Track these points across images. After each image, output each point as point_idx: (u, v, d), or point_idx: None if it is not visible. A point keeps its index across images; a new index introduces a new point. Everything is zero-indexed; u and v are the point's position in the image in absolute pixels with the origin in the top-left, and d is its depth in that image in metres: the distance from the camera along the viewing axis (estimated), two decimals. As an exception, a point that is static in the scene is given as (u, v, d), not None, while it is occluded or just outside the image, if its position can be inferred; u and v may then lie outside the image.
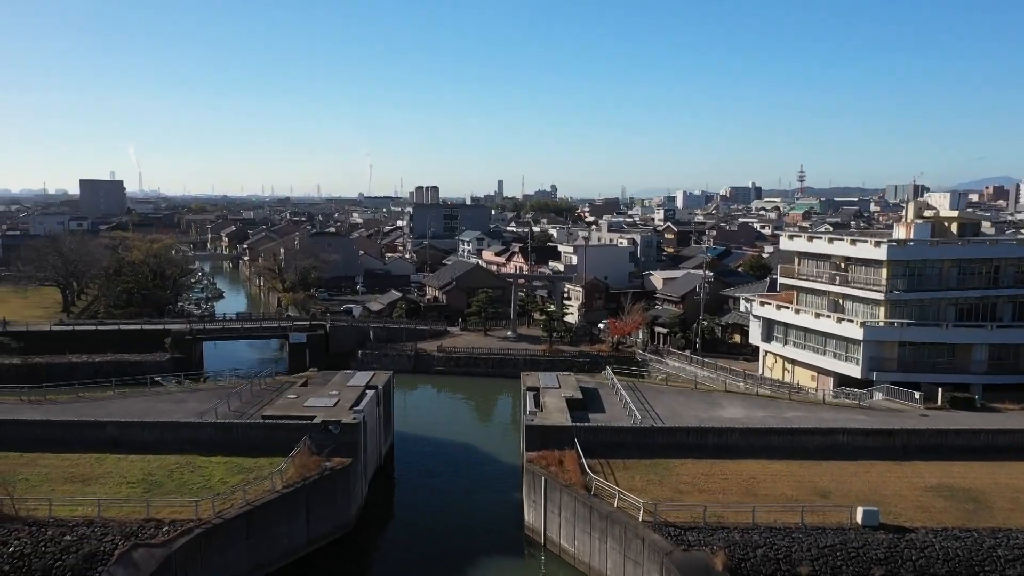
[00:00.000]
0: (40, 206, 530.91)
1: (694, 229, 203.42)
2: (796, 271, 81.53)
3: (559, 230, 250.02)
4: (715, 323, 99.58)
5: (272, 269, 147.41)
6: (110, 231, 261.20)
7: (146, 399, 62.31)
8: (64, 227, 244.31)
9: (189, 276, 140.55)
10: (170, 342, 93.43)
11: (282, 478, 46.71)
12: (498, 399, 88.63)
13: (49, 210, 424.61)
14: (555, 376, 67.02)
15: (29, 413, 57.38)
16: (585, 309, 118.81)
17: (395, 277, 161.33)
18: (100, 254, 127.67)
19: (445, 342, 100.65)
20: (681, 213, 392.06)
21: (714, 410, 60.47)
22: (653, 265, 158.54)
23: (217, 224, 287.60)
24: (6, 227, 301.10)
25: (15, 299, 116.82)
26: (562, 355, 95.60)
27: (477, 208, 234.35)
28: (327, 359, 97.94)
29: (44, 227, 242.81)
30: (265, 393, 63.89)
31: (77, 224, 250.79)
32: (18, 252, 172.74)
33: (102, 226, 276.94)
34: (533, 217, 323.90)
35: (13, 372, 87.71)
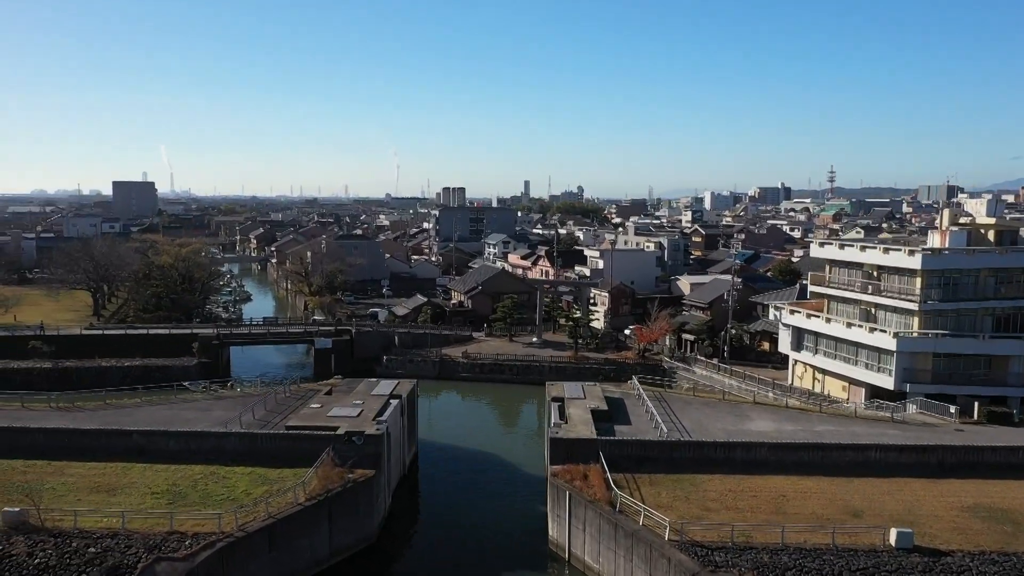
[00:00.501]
0: (74, 207, 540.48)
1: (722, 232, 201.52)
2: (827, 279, 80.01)
3: (585, 232, 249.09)
4: (743, 330, 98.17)
5: (299, 273, 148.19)
6: (141, 233, 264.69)
7: (172, 407, 62.62)
8: (96, 229, 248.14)
9: (217, 279, 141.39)
10: (197, 347, 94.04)
11: (305, 490, 46.55)
12: (523, 407, 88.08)
13: (83, 211, 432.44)
14: (580, 386, 66.32)
15: (58, 420, 57.90)
16: (611, 314, 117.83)
17: (421, 280, 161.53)
18: (130, 258, 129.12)
19: (470, 348, 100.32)
20: (709, 215, 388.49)
21: (742, 423, 59.41)
22: (680, 269, 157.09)
23: (246, 226, 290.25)
24: (40, 228, 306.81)
25: (47, 302, 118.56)
26: (588, 362, 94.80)
27: (503, 211, 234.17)
28: (352, 364, 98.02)
29: (77, 229, 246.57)
30: (290, 401, 63.91)
31: (109, 226, 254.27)
32: (51, 255, 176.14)
33: (133, 228, 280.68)
34: (559, 219, 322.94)
35: (45, 376, 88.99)
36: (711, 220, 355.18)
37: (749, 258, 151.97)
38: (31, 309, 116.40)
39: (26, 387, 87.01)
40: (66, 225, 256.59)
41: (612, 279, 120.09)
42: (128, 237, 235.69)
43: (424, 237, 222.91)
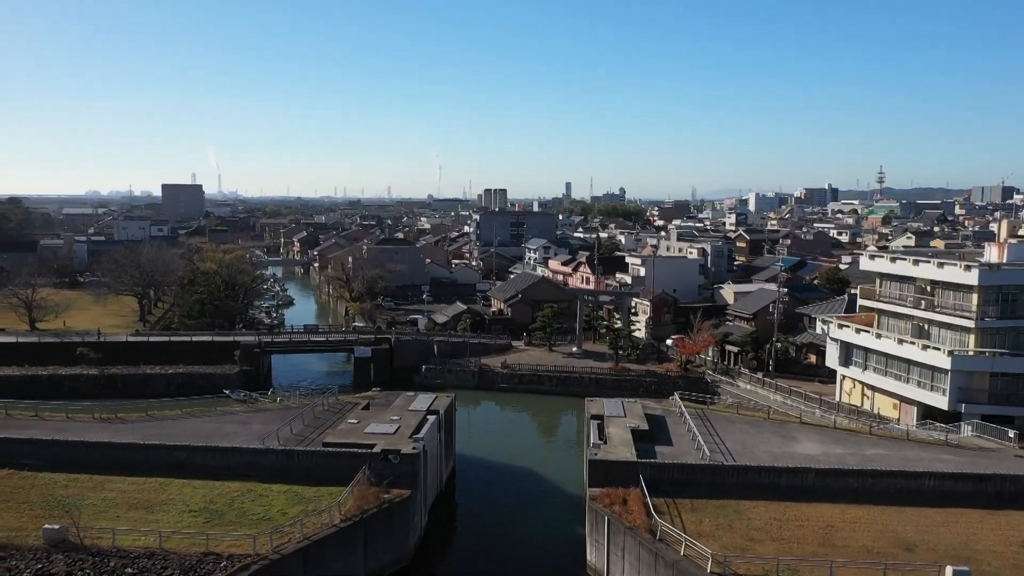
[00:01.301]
0: (125, 208, 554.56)
1: (767, 237, 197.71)
2: (877, 293, 77.48)
3: (627, 236, 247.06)
4: (789, 342, 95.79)
5: (340, 278, 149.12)
6: (188, 236, 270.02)
7: (212, 419, 62.97)
8: (145, 232, 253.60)
9: (260, 283, 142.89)
10: (239, 355, 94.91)
11: (340, 511, 46.19)
12: (561, 419, 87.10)
13: (133, 213, 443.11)
14: (620, 403, 65.03)
15: (100, 433, 58.57)
16: (653, 324, 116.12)
17: (461, 286, 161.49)
18: (175, 264, 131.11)
19: (509, 357, 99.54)
20: (753, 217, 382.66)
21: (788, 445, 57.59)
22: (724, 276, 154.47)
23: (290, 229, 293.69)
24: (92, 231, 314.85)
25: (95, 308, 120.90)
26: (628, 374, 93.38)
27: (544, 215, 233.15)
28: (391, 373, 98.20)
29: (127, 232, 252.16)
30: (328, 415, 63.79)
31: (158, 229, 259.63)
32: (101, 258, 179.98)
33: (181, 231, 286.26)
34: (601, 222, 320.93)
35: (92, 383, 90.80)
36: (755, 223, 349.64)
37: (795, 265, 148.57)
38: (80, 314, 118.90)
39: (73, 393, 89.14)
40: (116, 228, 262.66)
41: (654, 288, 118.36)
42: (175, 241, 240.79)
43: (465, 241, 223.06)
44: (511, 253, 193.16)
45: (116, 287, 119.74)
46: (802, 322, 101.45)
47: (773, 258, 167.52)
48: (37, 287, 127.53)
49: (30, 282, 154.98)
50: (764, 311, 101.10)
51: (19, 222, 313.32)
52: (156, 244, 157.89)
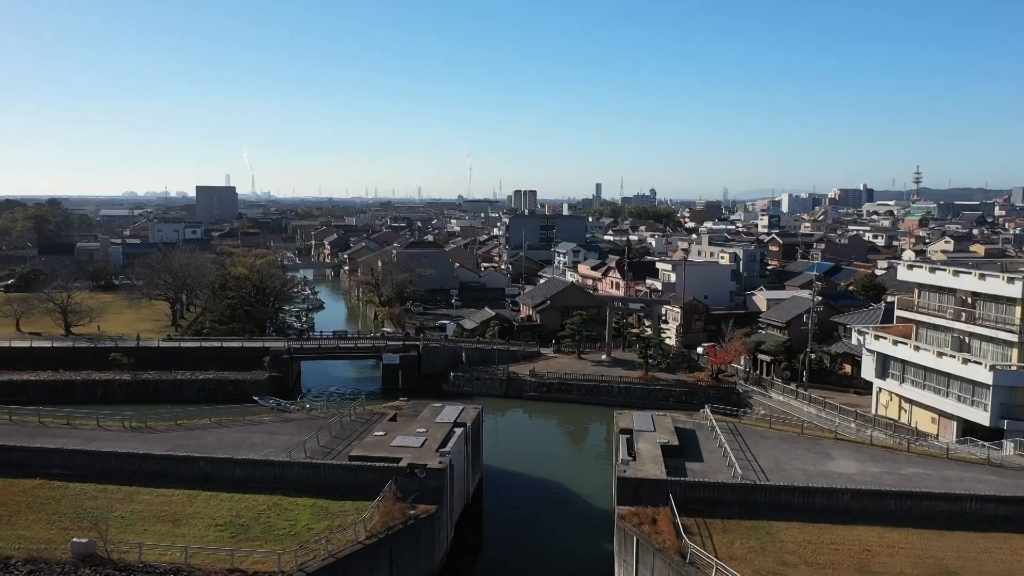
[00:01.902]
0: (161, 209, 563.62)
1: (800, 241, 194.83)
2: (915, 304, 75.54)
3: (657, 239, 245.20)
4: (823, 352, 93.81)
5: (369, 283, 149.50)
6: (221, 239, 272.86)
7: (240, 429, 63.05)
8: (179, 235, 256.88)
9: (290, 288, 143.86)
10: (268, 361, 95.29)
11: (366, 528, 45.81)
12: (590, 430, 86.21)
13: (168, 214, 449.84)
14: (650, 417, 63.94)
15: (130, 442, 58.89)
16: (683, 331, 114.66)
17: (490, 290, 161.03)
18: (207, 268, 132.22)
19: (538, 365, 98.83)
20: (786, 219, 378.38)
21: (823, 462, 56.14)
22: (756, 281, 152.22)
23: (321, 231, 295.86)
24: (128, 233, 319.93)
25: (129, 312, 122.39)
26: (658, 383, 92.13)
27: (573, 219, 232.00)
28: (420, 380, 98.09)
29: (162, 235, 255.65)
30: (355, 426, 63.57)
31: (191, 232, 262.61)
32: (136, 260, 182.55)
33: (214, 233, 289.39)
34: (631, 224, 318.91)
35: (124, 388, 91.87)
36: (788, 225, 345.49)
37: (829, 271, 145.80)
38: (114, 317, 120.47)
39: (107, 398, 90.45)
40: (151, 230, 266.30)
41: (685, 294, 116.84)
42: (208, 244, 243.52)
43: (494, 244, 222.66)
44: (540, 257, 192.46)
45: (149, 292, 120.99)
46: (837, 331, 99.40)
47: (807, 263, 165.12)
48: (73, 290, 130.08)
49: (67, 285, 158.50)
50: (798, 319, 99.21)
51: (58, 224, 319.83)
52: (188, 249, 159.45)
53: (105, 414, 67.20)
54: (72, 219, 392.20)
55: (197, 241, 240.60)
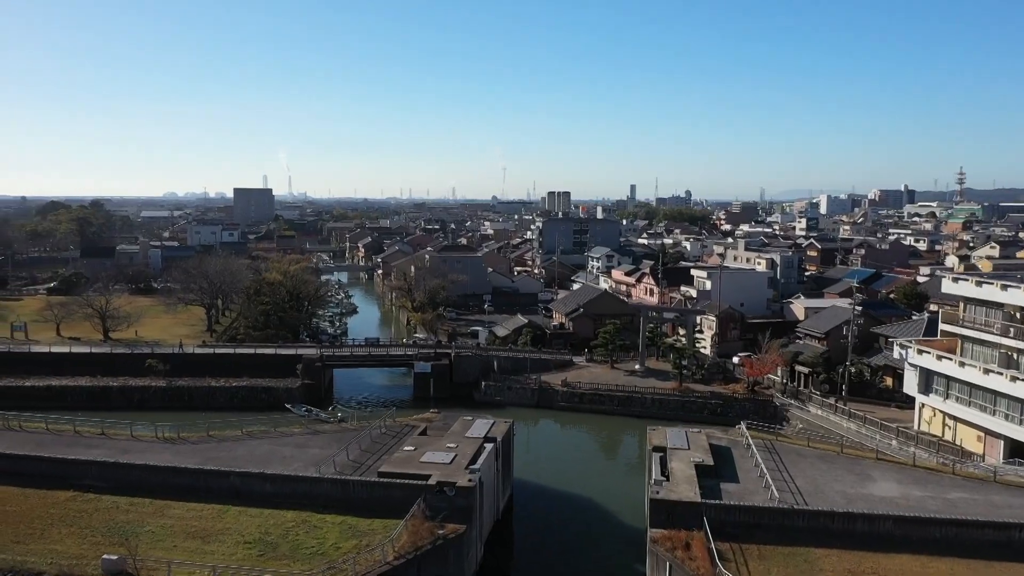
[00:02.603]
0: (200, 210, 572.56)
1: (840, 246, 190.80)
2: (961, 318, 73.17)
3: (692, 242, 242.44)
4: (863, 364, 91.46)
5: (402, 288, 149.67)
6: (257, 241, 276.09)
7: (271, 441, 63.03)
8: (216, 237, 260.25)
9: (324, 293, 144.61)
10: (301, 369, 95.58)
11: (393, 548, 45.30)
12: (623, 443, 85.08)
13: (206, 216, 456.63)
14: (684, 434, 62.61)
15: (162, 454, 59.18)
16: (719, 340, 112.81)
17: (523, 295, 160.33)
18: (243, 274, 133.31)
19: (570, 375, 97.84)
20: (824, 221, 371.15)
21: (863, 484, 54.41)
22: (794, 287, 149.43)
23: (355, 234, 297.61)
24: (168, 235, 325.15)
25: (165, 317, 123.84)
26: (692, 395, 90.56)
27: (607, 223, 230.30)
28: (451, 388, 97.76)
29: (200, 237, 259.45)
30: (385, 439, 63.23)
31: (228, 234, 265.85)
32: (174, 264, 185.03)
33: (251, 236, 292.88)
34: (666, 227, 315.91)
35: (160, 395, 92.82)
36: (827, 228, 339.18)
37: (869, 278, 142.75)
38: (152, 322, 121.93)
39: (142, 405, 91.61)
40: (189, 233, 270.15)
41: (720, 302, 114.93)
42: (244, 247, 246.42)
43: (527, 248, 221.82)
44: (573, 261, 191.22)
45: (186, 297, 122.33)
46: (877, 342, 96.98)
47: (846, 269, 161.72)
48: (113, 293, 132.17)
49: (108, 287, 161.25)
50: (837, 330, 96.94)
51: (100, 226, 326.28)
52: (224, 255, 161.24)
53: (139, 424, 67.77)
54: (114, 220, 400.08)
55: (234, 244, 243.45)
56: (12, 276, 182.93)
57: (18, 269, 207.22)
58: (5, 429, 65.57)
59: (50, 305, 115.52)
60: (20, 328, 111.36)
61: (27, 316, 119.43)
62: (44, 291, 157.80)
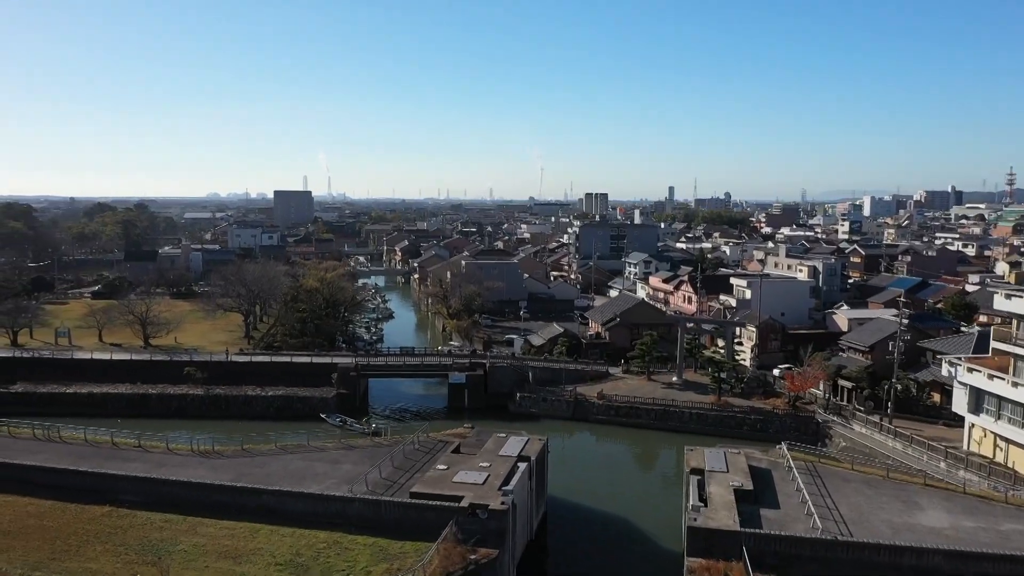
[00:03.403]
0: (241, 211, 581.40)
1: (884, 253, 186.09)
2: (1014, 336, 70.37)
3: (732, 247, 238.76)
4: (909, 380, 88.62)
5: (438, 295, 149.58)
6: (296, 244, 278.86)
7: (304, 456, 62.91)
8: (256, 240, 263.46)
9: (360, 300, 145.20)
10: (336, 378, 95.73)
11: (425, 572, 44.67)
12: (659, 459, 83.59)
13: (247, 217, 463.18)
14: (722, 455, 61.04)
15: (197, 468, 59.40)
16: (758, 351, 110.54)
17: (558, 302, 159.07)
18: (280, 280, 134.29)
19: (606, 387, 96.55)
20: (868, 224, 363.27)
21: (910, 513, 52.40)
22: (837, 296, 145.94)
23: (392, 237, 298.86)
24: (209, 236, 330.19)
25: (204, 323, 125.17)
26: (731, 410, 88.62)
27: (645, 228, 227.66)
28: (486, 399, 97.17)
29: (240, 240, 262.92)
30: (418, 455, 62.72)
31: (268, 237, 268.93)
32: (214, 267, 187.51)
33: (290, 239, 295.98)
34: (705, 230, 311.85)
35: (197, 403, 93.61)
36: (871, 232, 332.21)
37: (915, 286, 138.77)
38: (191, 327, 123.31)
39: (180, 413, 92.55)
40: (230, 236, 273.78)
41: (760, 313, 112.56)
42: (284, 250, 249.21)
43: (563, 253, 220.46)
44: (610, 267, 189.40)
45: (224, 304, 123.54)
46: (924, 356, 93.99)
47: (891, 277, 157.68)
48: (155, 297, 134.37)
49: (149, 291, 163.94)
50: (882, 343, 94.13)
51: (144, 228, 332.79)
52: (263, 260, 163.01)
53: (176, 433, 68.32)
54: (158, 222, 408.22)
55: (273, 248, 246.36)
56: (58, 279, 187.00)
57: (64, 271, 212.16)
58: (46, 440, 66.47)
59: (93, 311, 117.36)
60: (64, 334, 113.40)
61: (71, 321, 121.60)
62: (88, 295, 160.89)
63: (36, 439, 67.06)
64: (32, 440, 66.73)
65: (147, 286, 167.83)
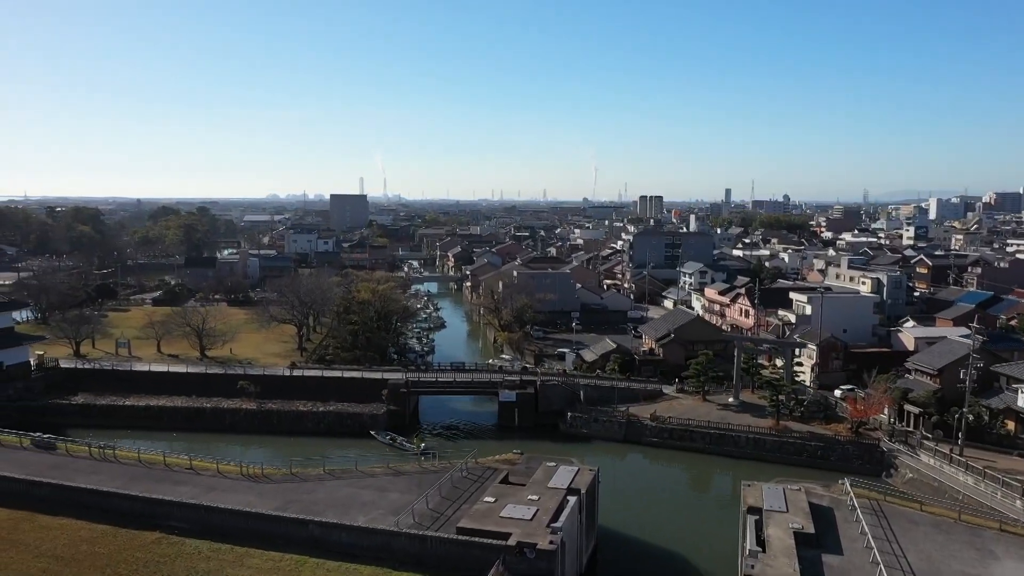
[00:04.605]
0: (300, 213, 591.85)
1: (952, 263, 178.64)
2: (1098, 367, 65.96)
3: (791, 254, 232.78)
4: (981, 406, 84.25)
5: (490, 307, 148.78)
6: (351, 250, 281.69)
7: (351, 483, 62.40)
8: (312, 246, 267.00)
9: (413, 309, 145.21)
10: (386, 394, 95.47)
11: (470, 617, 43.57)
12: (714, 487, 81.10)
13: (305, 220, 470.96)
14: (781, 492, 58.50)
15: (245, 494, 59.40)
16: (819, 370, 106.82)
17: (611, 313, 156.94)
18: (333, 291, 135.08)
19: (660, 406, 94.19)
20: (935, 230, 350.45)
21: (985, 564, 49.25)
22: (902, 310, 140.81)
23: (446, 242, 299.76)
24: (267, 240, 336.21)
25: (258, 334, 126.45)
26: (790, 435, 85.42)
27: (700, 236, 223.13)
28: (536, 417, 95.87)
29: (297, 245, 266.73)
30: (466, 483, 61.74)
31: (323, 243, 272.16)
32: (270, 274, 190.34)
33: (345, 244, 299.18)
34: (762, 236, 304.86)
35: (250, 418, 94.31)
36: (937, 237, 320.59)
37: (986, 301, 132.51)
38: (245, 338, 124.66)
39: (233, 427, 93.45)
40: (287, 241, 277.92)
41: (821, 330, 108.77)
42: (338, 256, 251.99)
43: (617, 260, 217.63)
44: (664, 276, 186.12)
45: (279, 315, 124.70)
46: (998, 381, 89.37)
47: (960, 291, 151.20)
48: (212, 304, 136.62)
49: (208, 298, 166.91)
50: (952, 366, 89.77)
51: (205, 232, 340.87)
52: (316, 271, 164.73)
53: (226, 454, 68.58)
54: (218, 225, 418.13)
55: (328, 254, 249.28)
56: (121, 284, 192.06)
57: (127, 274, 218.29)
58: (102, 460, 67.35)
59: (152, 322, 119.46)
60: (124, 344, 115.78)
61: (131, 331, 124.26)
62: (150, 301, 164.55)
63: (92, 458, 68.05)
64: (88, 459, 67.73)
65: (206, 292, 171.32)
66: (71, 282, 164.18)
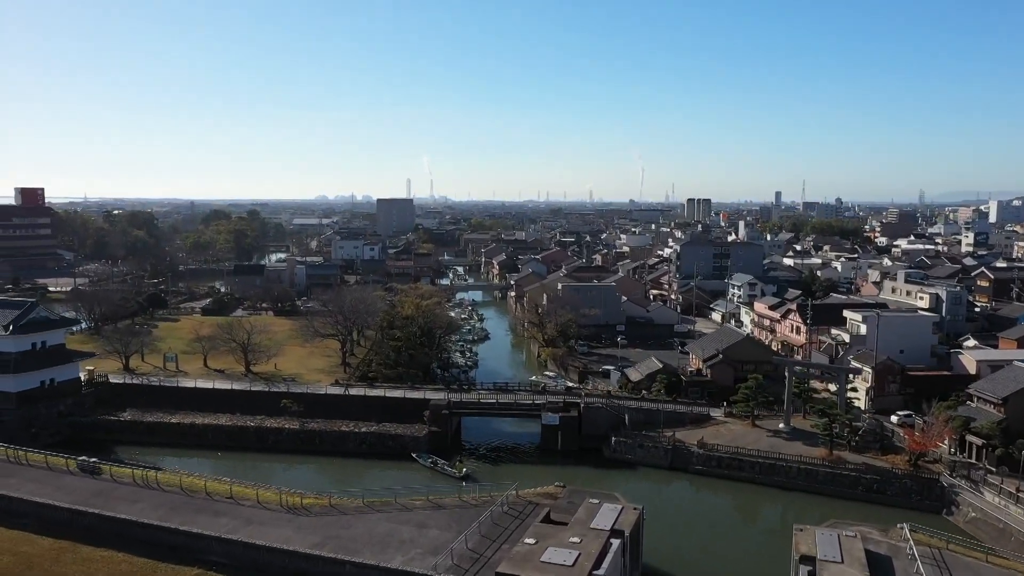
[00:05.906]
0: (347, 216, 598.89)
1: (1016, 276, 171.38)
2: None
3: (844, 263, 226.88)
4: (1050, 439, 79.88)
5: (534, 321, 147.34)
6: (396, 257, 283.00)
7: (390, 518, 61.57)
8: (358, 251, 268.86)
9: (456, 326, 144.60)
10: (428, 416, 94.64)
11: (508, 675, 42.17)
12: (764, 522, 78.10)
13: (352, 223, 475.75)
14: (836, 540, 55.78)
15: (284, 527, 59.00)
16: (875, 394, 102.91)
17: (657, 326, 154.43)
18: (376, 306, 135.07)
19: (707, 431, 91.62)
20: (996, 236, 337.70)
21: (1058, 628, 46.15)
22: (962, 327, 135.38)
23: (491, 249, 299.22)
24: (314, 245, 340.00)
25: (302, 348, 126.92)
26: (844, 466, 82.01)
27: (749, 246, 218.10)
28: (579, 440, 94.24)
29: (343, 252, 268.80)
30: (506, 519, 60.49)
31: (369, 249, 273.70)
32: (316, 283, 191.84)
33: (391, 250, 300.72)
34: (814, 243, 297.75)
35: (292, 437, 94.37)
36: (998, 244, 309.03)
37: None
38: (290, 352, 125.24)
39: (276, 447, 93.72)
40: (334, 247, 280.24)
41: (877, 352, 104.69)
42: (383, 263, 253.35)
43: (664, 270, 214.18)
44: (712, 287, 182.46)
45: (322, 329, 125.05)
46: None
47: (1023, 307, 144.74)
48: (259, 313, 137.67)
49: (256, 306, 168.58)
50: (1018, 395, 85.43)
51: (255, 236, 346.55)
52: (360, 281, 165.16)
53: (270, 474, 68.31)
54: (268, 228, 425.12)
55: (373, 261, 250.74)
56: (172, 291, 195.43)
57: (178, 280, 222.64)
58: (144, 487, 67.67)
59: (199, 337, 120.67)
60: (172, 359, 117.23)
61: (179, 343, 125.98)
62: (199, 310, 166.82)
63: (135, 483, 68.44)
64: (131, 485, 68.12)
65: (253, 301, 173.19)
66: (123, 291, 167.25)
